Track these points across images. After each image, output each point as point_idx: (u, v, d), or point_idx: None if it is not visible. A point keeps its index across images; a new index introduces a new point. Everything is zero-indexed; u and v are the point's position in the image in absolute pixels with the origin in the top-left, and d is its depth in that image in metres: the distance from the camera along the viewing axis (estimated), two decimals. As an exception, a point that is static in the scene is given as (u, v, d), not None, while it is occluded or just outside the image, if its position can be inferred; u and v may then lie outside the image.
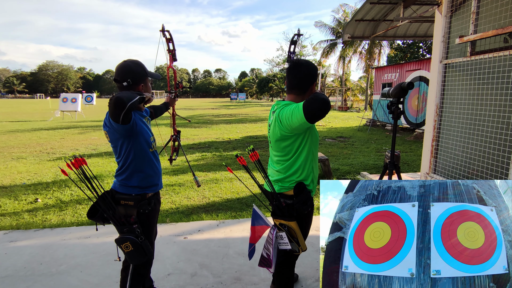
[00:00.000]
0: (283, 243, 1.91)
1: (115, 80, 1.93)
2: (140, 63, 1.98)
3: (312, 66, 1.94)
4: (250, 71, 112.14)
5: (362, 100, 35.91)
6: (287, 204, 1.95)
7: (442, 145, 4.09)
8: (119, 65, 1.94)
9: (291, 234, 1.89)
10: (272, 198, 1.97)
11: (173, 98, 3.00)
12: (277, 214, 1.93)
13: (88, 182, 1.74)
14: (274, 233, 1.92)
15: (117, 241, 1.81)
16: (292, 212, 1.92)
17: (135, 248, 1.80)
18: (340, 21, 30.79)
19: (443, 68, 3.94)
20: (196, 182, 3.55)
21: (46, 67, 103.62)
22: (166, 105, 2.81)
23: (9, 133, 12.24)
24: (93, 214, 1.89)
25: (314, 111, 1.62)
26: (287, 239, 1.88)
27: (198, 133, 12.41)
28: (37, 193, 4.94)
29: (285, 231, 1.88)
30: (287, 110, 1.79)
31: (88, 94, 24.23)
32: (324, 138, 11.23)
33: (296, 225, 1.89)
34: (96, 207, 1.88)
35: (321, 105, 1.60)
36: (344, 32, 6.59)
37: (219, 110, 29.22)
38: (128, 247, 1.79)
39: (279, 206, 1.92)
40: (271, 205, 1.99)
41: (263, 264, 2.01)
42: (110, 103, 1.65)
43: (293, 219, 1.89)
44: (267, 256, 1.98)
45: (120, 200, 1.90)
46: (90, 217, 1.90)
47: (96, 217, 1.88)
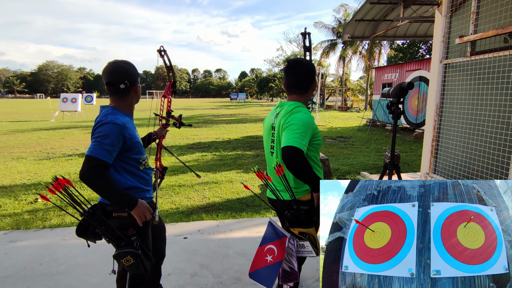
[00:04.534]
0: (305, 252, 1.82)
1: (110, 83, 1.77)
2: (131, 62, 1.87)
3: (311, 64, 1.94)
4: (250, 71, 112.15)
5: (362, 100, 35.91)
6: (304, 210, 1.88)
7: (442, 145, 4.09)
8: (111, 68, 1.79)
9: (311, 240, 1.81)
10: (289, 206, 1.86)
11: (162, 128, 2.63)
12: (294, 222, 1.85)
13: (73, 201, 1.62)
14: (295, 243, 1.81)
15: (116, 256, 1.68)
16: (310, 218, 1.87)
17: (137, 260, 1.69)
18: (341, 21, 30.81)
19: (443, 68, 3.94)
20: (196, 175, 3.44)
21: (46, 67, 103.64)
22: (149, 137, 2.40)
23: (9, 133, 12.24)
24: (83, 232, 1.73)
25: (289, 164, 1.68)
26: (310, 247, 1.79)
27: (198, 133, 12.41)
28: (37, 193, 4.93)
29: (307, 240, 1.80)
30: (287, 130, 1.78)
31: (88, 94, 24.23)
32: (324, 138, 11.23)
33: (314, 230, 1.84)
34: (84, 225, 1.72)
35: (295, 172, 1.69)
36: (344, 32, 6.60)
37: (219, 110, 29.22)
38: (129, 260, 1.68)
39: (297, 214, 1.83)
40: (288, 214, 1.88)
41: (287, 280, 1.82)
42: None
43: (311, 226, 1.83)
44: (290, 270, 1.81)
45: (112, 212, 1.75)
46: (80, 235, 1.73)
47: (88, 234, 1.72)
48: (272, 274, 1.79)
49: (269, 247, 1.85)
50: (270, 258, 1.82)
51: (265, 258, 1.83)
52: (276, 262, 1.81)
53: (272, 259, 1.82)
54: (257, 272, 1.83)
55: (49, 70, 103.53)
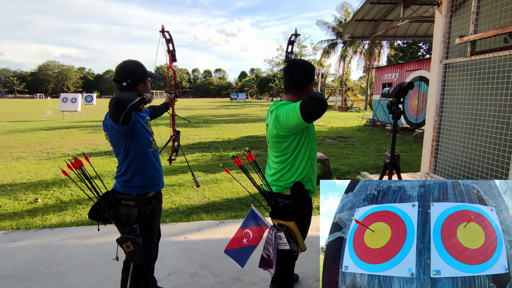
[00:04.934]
0: (281, 243, 1.91)
1: (115, 80, 1.93)
2: (139, 63, 1.98)
3: (309, 65, 1.93)
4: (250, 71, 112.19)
5: (362, 100, 35.90)
6: (285, 204, 1.95)
7: (442, 145, 4.09)
8: (118, 66, 1.94)
9: (290, 234, 1.88)
10: (270, 198, 1.96)
11: (172, 99, 3.00)
12: (275, 214, 1.93)
13: (88, 182, 1.75)
14: (273, 233, 1.92)
15: (118, 240, 1.81)
16: (290, 212, 1.92)
17: (136, 248, 1.81)
18: (341, 21, 30.82)
19: (443, 68, 3.94)
20: (196, 183, 3.57)
21: (46, 67, 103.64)
22: (166, 105, 2.81)
23: (9, 133, 12.24)
24: (94, 214, 1.90)
25: (311, 110, 1.62)
26: (285, 239, 1.87)
27: (198, 133, 12.41)
28: (37, 193, 4.93)
29: (284, 231, 1.87)
30: (284, 109, 1.79)
31: (88, 94, 24.24)
32: (324, 138, 11.23)
33: (295, 225, 1.88)
34: (97, 208, 1.88)
35: (318, 104, 1.60)
36: (344, 32, 6.60)
37: (219, 110, 29.22)
38: (129, 247, 1.80)
39: (277, 206, 1.92)
40: (270, 206, 1.99)
41: (264, 265, 2.00)
42: (110, 104, 1.66)
43: (291, 219, 1.88)
44: (267, 257, 1.97)
45: (121, 200, 1.90)
46: (91, 217, 1.91)
47: (97, 217, 1.89)
48: (245, 255, 2.02)
49: (246, 231, 2.04)
50: (245, 241, 2.03)
51: (241, 240, 2.03)
52: (250, 245, 2.02)
53: (246, 242, 2.03)
54: (232, 250, 2.04)
55: (49, 70, 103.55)
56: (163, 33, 3.34)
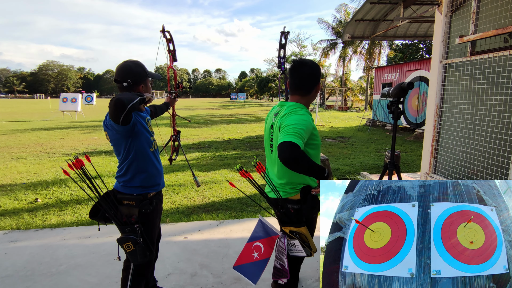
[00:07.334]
0: (296, 251, 1.82)
1: (116, 80, 1.93)
2: (140, 63, 1.98)
3: (315, 66, 1.88)
4: (250, 71, 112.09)
5: (362, 100, 35.91)
6: (295, 209, 1.85)
7: (442, 145, 4.09)
8: (119, 66, 1.94)
9: (303, 240, 1.81)
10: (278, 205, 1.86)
11: (173, 98, 3.02)
12: (285, 221, 1.83)
13: (89, 181, 1.75)
14: (285, 241, 1.82)
15: (119, 240, 1.82)
16: (301, 217, 1.84)
17: (137, 247, 1.81)
18: (341, 21, 30.81)
19: (443, 68, 3.94)
20: (196, 182, 3.57)
21: (46, 67, 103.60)
22: (167, 105, 2.82)
23: (9, 133, 12.24)
24: (95, 214, 1.90)
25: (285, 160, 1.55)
26: (300, 246, 1.79)
27: (198, 133, 12.41)
28: (37, 193, 4.93)
29: (298, 239, 1.79)
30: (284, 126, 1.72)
31: (88, 94, 24.26)
32: (324, 138, 11.23)
33: (306, 230, 1.82)
34: (97, 207, 1.88)
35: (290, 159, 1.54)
36: (344, 32, 6.60)
37: (219, 110, 29.22)
38: (129, 246, 1.80)
39: (287, 213, 1.82)
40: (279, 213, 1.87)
41: (278, 276, 1.85)
42: (110, 104, 1.66)
43: (303, 225, 1.81)
44: (281, 267, 1.83)
45: (122, 200, 1.91)
46: (92, 217, 1.91)
47: (98, 217, 1.90)
48: (257, 270, 1.86)
49: (256, 245, 1.91)
50: (256, 255, 1.89)
51: (252, 255, 1.89)
52: (262, 259, 1.87)
53: (258, 256, 1.89)
54: (243, 266, 1.89)
55: (49, 70, 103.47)
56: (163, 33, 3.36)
